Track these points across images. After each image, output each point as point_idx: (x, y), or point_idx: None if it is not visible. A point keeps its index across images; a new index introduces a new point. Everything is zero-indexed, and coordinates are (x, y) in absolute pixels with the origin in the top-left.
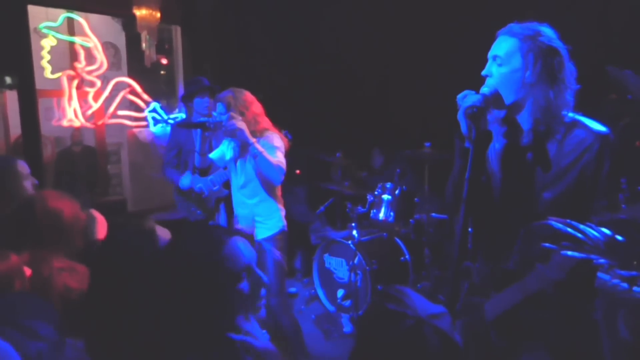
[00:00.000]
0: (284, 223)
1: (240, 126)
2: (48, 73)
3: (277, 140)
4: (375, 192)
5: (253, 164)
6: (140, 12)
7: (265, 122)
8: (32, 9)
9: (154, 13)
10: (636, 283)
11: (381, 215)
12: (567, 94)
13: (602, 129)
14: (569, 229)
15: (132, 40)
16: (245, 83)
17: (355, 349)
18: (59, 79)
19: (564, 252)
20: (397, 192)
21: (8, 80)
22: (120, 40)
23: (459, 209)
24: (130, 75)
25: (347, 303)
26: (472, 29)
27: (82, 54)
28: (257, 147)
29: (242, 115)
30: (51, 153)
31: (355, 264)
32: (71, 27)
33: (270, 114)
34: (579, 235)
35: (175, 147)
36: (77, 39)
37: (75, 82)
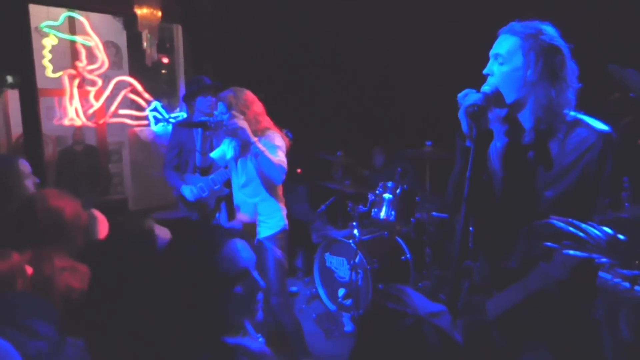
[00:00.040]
0: (285, 222)
1: (242, 125)
2: (49, 72)
3: (278, 139)
4: (377, 191)
5: (254, 163)
6: (142, 11)
7: (266, 122)
8: (33, 8)
9: (155, 12)
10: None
11: (382, 214)
12: (569, 92)
13: (604, 127)
14: (571, 228)
15: (133, 39)
16: (246, 82)
17: (355, 348)
18: (60, 78)
19: (565, 251)
20: (398, 191)
21: (9, 79)
22: (122, 39)
23: (460, 208)
24: (131, 74)
25: (348, 302)
26: (473, 28)
27: (83, 53)
28: (259, 146)
29: (243, 114)
30: (52, 152)
31: (356, 263)
32: (72, 26)
33: (271, 113)
34: (581, 234)
35: (176, 146)
36: (78, 38)
37: (77, 81)
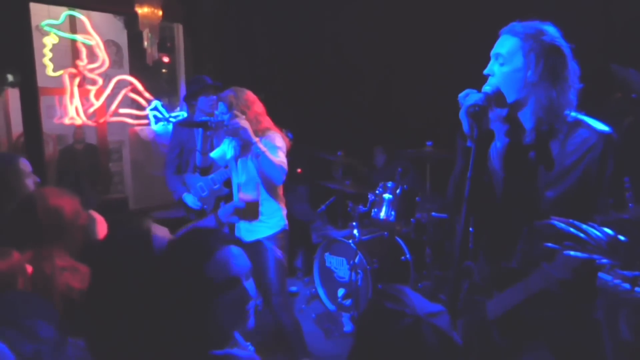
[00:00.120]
0: (285, 222)
1: (244, 125)
2: (50, 71)
3: (279, 140)
4: (377, 191)
5: (255, 163)
6: (142, 10)
7: (266, 122)
8: (34, 7)
9: (156, 11)
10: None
11: (382, 214)
12: (570, 93)
13: (605, 128)
14: (572, 229)
15: (134, 38)
16: (246, 82)
17: (354, 348)
18: (60, 76)
19: (566, 252)
20: (398, 191)
21: (10, 78)
22: (122, 38)
23: (460, 208)
24: (132, 73)
25: (347, 302)
26: (474, 28)
27: (84, 52)
28: (260, 146)
29: (243, 114)
30: (53, 151)
31: (356, 263)
32: (73, 25)
33: (271, 113)
34: (582, 235)
35: (177, 146)
36: (79, 37)
37: (77, 80)
